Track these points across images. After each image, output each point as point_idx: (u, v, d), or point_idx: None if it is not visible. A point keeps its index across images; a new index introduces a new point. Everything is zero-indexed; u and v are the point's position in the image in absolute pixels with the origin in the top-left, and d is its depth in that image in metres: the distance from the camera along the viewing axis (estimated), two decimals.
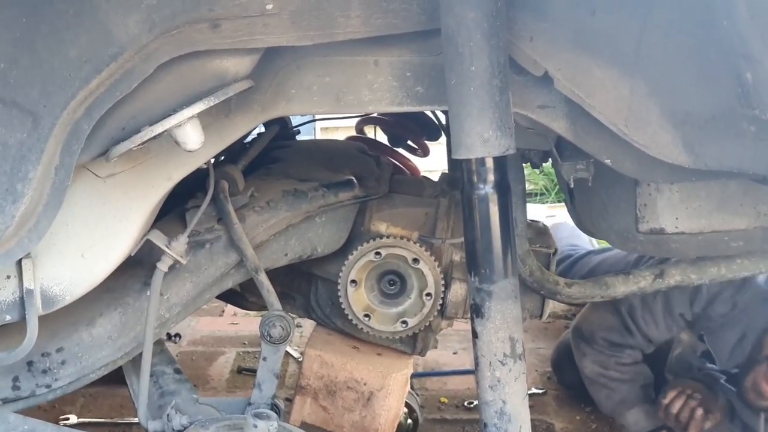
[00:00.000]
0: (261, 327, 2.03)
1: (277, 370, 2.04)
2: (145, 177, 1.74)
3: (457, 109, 1.50)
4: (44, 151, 1.48)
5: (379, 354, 2.51)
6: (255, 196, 2.20)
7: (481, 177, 1.55)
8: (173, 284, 2.05)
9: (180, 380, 2.15)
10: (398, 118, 3.07)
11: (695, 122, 1.50)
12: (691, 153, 1.52)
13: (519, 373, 1.61)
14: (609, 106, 1.54)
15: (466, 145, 1.51)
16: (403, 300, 2.33)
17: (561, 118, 1.65)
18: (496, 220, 1.56)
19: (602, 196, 2.09)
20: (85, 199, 1.71)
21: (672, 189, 2.01)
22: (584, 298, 2.26)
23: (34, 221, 1.55)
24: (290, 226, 2.23)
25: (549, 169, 6.12)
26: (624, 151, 1.65)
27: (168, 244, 1.91)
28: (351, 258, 2.29)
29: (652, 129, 1.53)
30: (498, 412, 1.61)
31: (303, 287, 2.57)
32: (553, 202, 6.11)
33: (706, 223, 2.02)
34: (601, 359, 3.08)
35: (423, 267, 2.27)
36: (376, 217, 2.39)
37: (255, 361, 3.67)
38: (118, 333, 1.99)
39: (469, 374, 3.54)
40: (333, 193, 2.29)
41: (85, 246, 1.73)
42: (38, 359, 1.93)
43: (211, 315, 4.15)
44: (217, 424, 1.82)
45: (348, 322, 2.38)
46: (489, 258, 1.57)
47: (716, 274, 2.23)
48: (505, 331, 1.59)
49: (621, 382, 3.06)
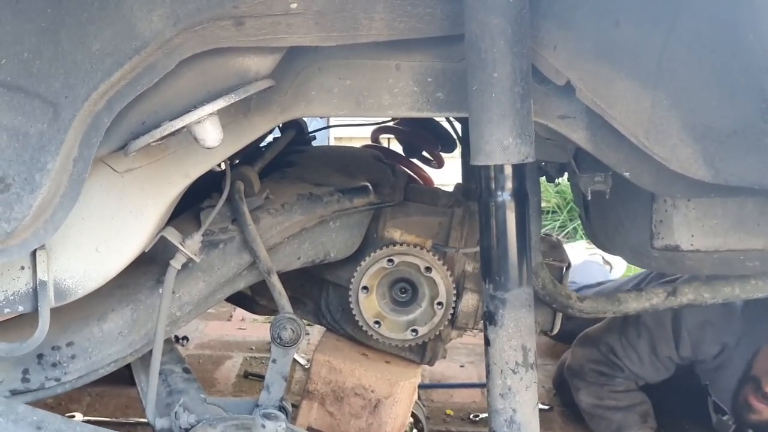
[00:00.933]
0: (271, 329, 2.02)
1: (286, 373, 2.03)
2: (163, 173, 1.74)
3: (478, 115, 1.50)
4: (64, 143, 1.48)
5: (387, 362, 2.50)
6: (270, 198, 2.20)
7: (499, 184, 1.54)
8: (185, 283, 2.05)
9: (188, 379, 2.15)
10: (414, 128, 3.07)
11: (716, 137, 1.49)
12: (711, 168, 1.51)
13: (530, 382, 1.60)
14: (630, 117, 1.53)
15: (486, 152, 1.51)
16: (414, 308, 2.33)
17: (581, 129, 1.65)
18: (513, 228, 1.55)
19: (618, 212, 2.08)
20: (102, 193, 1.71)
21: (688, 206, 1.99)
22: (596, 313, 2.25)
23: (51, 212, 1.55)
24: (304, 229, 2.23)
25: (562, 187, 6.11)
26: (643, 164, 1.64)
27: (182, 242, 1.90)
28: (363, 264, 2.28)
29: (672, 142, 1.52)
30: (508, 420, 1.60)
31: (314, 292, 2.56)
32: (564, 221, 6.09)
33: (722, 241, 2.00)
34: (594, 390, 3.09)
35: (435, 276, 2.27)
36: (390, 225, 2.39)
37: (262, 366, 3.66)
38: (129, 329, 1.99)
39: (475, 387, 3.54)
40: (348, 199, 2.29)
41: (100, 240, 1.73)
42: (48, 352, 1.93)
43: (220, 319, 4.15)
44: (225, 423, 1.82)
45: (358, 328, 2.37)
46: (504, 266, 1.56)
47: (729, 294, 2.22)
48: (517, 340, 1.58)
49: (617, 410, 3.06)
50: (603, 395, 3.08)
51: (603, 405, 3.08)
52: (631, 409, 3.05)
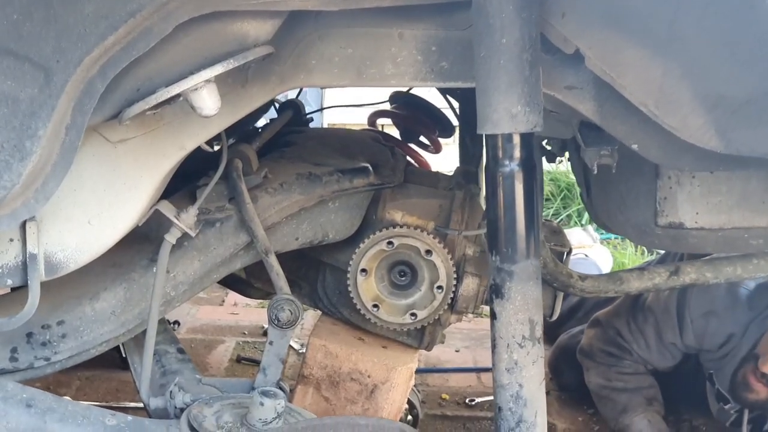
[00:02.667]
0: (269, 310, 1.97)
1: (283, 355, 1.99)
2: (157, 145, 1.69)
3: (485, 83, 1.46)
4: (55, 109, 1.43)
5: (384, 347, 2.47)
6: (268, 177, 2.16)
7: (506, 153, 1.50)
8: (180, 262, 2.00)
9: (183, 360, 2.11)
10: (412, 113, 3.03)
11: (728, 106, 1.46)
12: (723, 138, 1.48)
13: (537, 357, 1.56)
14: (640, 87, 1.49)
15: (493, 121, 1.47)
16: (413, 292, 2.29)
17: (588, 99, 1.61)
18: (521, 199, 1.51)
19: (621, 189, 2.05)
20: (95, 165, 1.66)
21: (693, 183, 1.96)
22: (597, 292, 2.22)
23: (42, 181, 1.50)
24: (303, 209, 2.19)
25: (556, 174, 6.10)
26: (651, 136, 1.61)
27: (177, 216, 1.86)
28: (362, 246, 2.25)
29: (683, 112, 1.48)
30: (514, 396, 1.56)
31: (310, 275, 2.52)
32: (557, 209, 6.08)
33: (726, 219, 1.97)
34: (602, 371, 3.09)
35: (435, 259, 2.23)
36: (390, 206, 2.35)
37: (254, 351, 3.65)
38: (122, 308, 1.94)
39: (471, 372, 3.55)
40: (348, 179, 2.25)
41: (92, 212, 1.68)
42: (38, 331, 1.88)
43: (212, 304, 4.13)
44: (222, 401, 1.78)
45: (355, 312, 2.33)
46: (512, 237, 1.52)
47: (732, 274, 2.19)
48: (524, 313, 1.54)
49: (623, 392, 3.05)
50: (611, 376, 3.07)
51: (610, 386, 3.07)
52: (637, 391, 3.04)
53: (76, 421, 1.65)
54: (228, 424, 1.70)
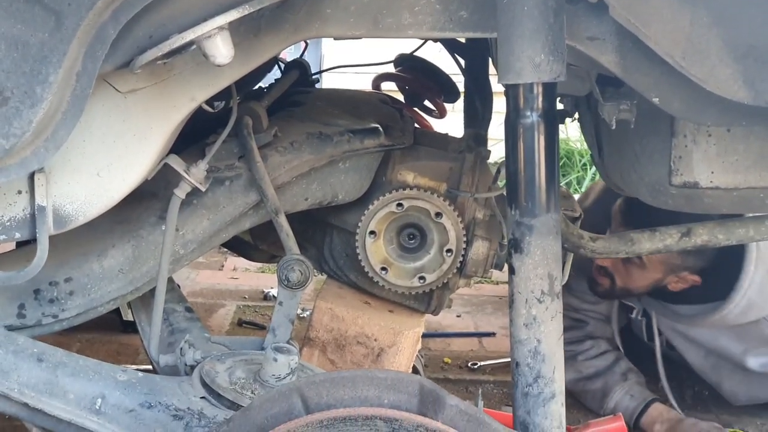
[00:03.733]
0: (279, 270, 1.95)
1: (292, 316, 1.97)
2: (168, 95, 1.65)
3: (508, 31, 1.42)
4: (66, 54, 1.39)
5: (391, 311, 2.45)
6: (278, 136, 2.13)
7: (528, 104, 1.47)
8: (189, 220, 1.98)
9: (191, 318, 2.09)
10: (417, 76, 2.99)
11: (759, 56, 1.42)
12: (751, 89, 1.44)
13: (556, 312, 1.54)
14: (666, 36, 1.46)
15: (515, 70, 1.43)
16: (422, 255, 2.26)
17: (610, 51, 1.57)
18: (542, 151, 1.48)
19: (635, 148, 2.02)
20: (104, 115, 1.63)
21: (709, 142, 1.93)
22: (608, 253, 2.19)
23: (52, 130, 1.46)
24: (313, 169, 2.16)
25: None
26: (674, 88, 1.57)
27: (187, 170, 1.83)
28: (372, 208, 2.22)
29: (711, 62, 1.45)
30: (532, 351, 1.54)
31: (316, 237, 2.49)
32: None
33: (742, 178, 1.94)
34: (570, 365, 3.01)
35: (445, 222, 2.20)
36: (400, 168, 2.32)
37: (256, 314, 3.64)
38: (130, 266, 1.92)
39: (472, 336, 3.56)
40: (358, 139, 2.22)
41: (102, 164, 1.64)
42: (46, 288, 1.86)
43: (211, 269, 4.10)
44: (234, 357, 1.75)
45: (363, 275, 2.31)
46: (532, 190, 1.49)
47: (744, 236, 2.17)
48: (544, 268, 1.51)
49: (596, 378, 3.04)
50: (580, 367, 3.05)
51: (583, 376, 3.05)
52: (609, 370, 3.04)
53: (87, 375, 1.63)
54: (241, 380, 1.68)
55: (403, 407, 1.33)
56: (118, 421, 1.59)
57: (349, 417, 1.32)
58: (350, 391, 1.35)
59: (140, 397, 1.62)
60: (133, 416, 1.60)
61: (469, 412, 1.33)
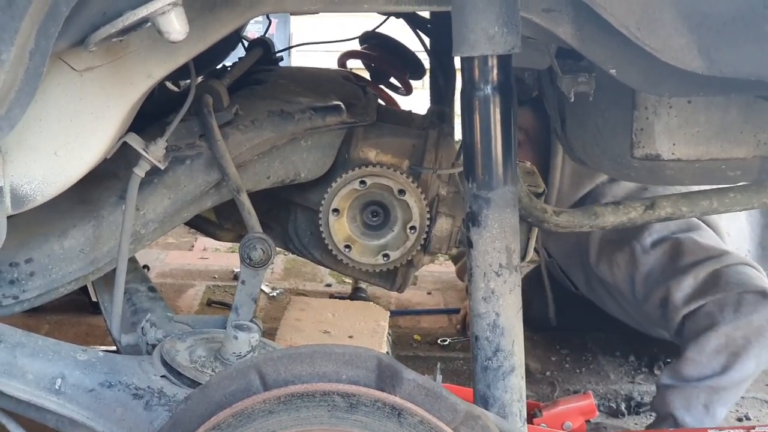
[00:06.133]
0: (241, 249, 1.93)
1: (255, 295, 1.95)
2: (124, 73, 1.64)
3: (461, 3, 1.42)
4: (18, 32, 1.37)
5: (350, 337, 2.52)
6: (240, 114, 2.12)
7: (483, 77, 1.47)
8: (150, 199, 1.96)
9: (154, 298, 2.08)
10: (383, 53, 2.97)
11: (712, 25, 1.43)
12: (706, 58, 1.45)
13: (514, 285, 1.54)
14: (621, 7, 1.46)
15: (470, 42, 1.43)
16: (386, 232, 2.26)
17: (567, 23, 1.57)
18: (498, 124, 1.48)
19: (597, 121, 2.03)
20: (60, 94, 1.61)
21: (670, 114, 1.94)
22: (572, 227, 2.20)
23: (6, 108, 1.44)
24: (274, 147, 2.15)
25: None
26: (631, 60, 1.57)
27: (145, 148, 1.81)
28: (334, 186, 2.21)
29: (666, 32, 1.45)
30: (491, 324, 1.54)
31: (281, 216, 2.48)
32: None
33: (704, 150, 1.96)
34: None
35: (409, 199, 2.20)
36: (363, 145, 2.31)
37: (225, 294, 3.64)
38: (91, 246, 1.90)
39: (442, 313, 3.57)
40: (320, 117, 2.21)
41: (59, 143, 1.63)
42: (6, 269, 1.84)
43: (181, 249, 4.09)
44: (195, 336, 1.75)
45: (327, 253, 2.30)
46: (488, 163, 1.50)
47: (708, 208, 2.17)
48: (501, 241, 1.52)
49: None
50: None
51: None
52: None
53: (47, 356, 1.62)
54: (202, 359, 1.67)
55: (361, 382, 1.34)
56: (78, 401, 1.58)
57: (306, 393, 1.32)
58: (308, 367, 1.34)
59: (100, 376, 1.61)
60: (93, 396, 1.59)
61: (426, 386, 1.33)
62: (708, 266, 2.66)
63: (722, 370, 2.51)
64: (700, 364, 2.53)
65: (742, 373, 2.52)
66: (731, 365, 2.51)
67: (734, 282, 2.61)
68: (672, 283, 2.66)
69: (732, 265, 2.66)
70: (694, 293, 2.63)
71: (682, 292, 2.64)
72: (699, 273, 2.65)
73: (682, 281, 2.65)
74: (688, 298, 2.63)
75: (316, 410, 1.33)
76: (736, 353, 2.51)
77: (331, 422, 1.33)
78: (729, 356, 2.51)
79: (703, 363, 2.53)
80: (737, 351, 2.51)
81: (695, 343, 2.55)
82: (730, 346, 2.52)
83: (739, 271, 2.64)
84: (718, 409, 2.55)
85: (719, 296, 2.58)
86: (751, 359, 2.51)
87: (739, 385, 2.56)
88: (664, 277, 2.71)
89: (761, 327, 2.53)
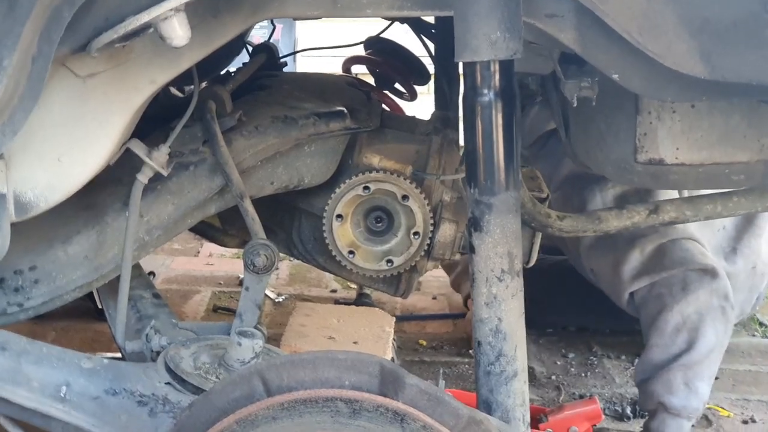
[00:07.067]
0: (244, 255, 1.94)
1: (259, 301, 1.96)
2: (128, 79, 1.64)
3: (464, 8, 1.43)
4: (20, 37, 1.37)
5: (355, 342, 2.51)
6: (243, 120, 2.13)
7: (485, 82, 1.47)
8: (154, 205, 1.97)
9: (159, 305, 2.08)
10: (387, 59, 2.98)
11: (714, 30, 1.42)
12: (708, 63, 1.44)
13: (516, 290, 1.54)
14: (623, 12, 1.45)
15: (472, 47, 1.44)
16: (389, 238, 2.26)
17: (569, 28, 1.56)
18: (500, 129, 1.49)
19: (600, 126, 2.02)
20: (63, 100, 1.61)
21: (674, 118, 1.93)
22: (576, 231, 2.19)
23: (9, 114, 1.44)
24: (278, 153, 2.16)
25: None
26: (633, 65, 1.57)
27: (149, 154, 1.82)
28: (338, 191, 2.21)
29: (667, 37, 1.45)
30: (493, 330, 1.54)
31: (285, 222, 2.49)
32: None
33: (707, 154, 1.95)
34: None
35: (412, 204, 2.20)
36: (367, 151, 2.31)
37: (230, 300, 3.64)
38: (95, 253, 1.90)
39: (448, 318, 3.56)
40: (324, 122, 2.21)
41: (63, 149, 1.63)
42: (10, 276, 1.85)
43: (186, 255, 4.10)
44: (199, 343, 1.75)
45: (330, 258, 2.31)
46: (490, 169, 1.50)
47: (712, 212, 2.17)
48: (504, 246, 1.52)
49: None
50: None
51: None
52: None
53: (51, 363, 1.62)
54: (206, 365, 1.67)
55: (363, 388, 1.34)
56: (83, 408, 1.59)
57: (310, 399, 1.32)
58: (311, 373, 1.35)
59: (105, 383, 1.61)
60: (98, 403, 1.59)
61: (429, 391, 1.34)
62: (653, 240, 2.71)
63: (688, 347, 2.57)
64: (664, 346, 2.60)
65: (706, 346, 2.57)
66: (694, 340, 2.57)
67: (678, 259, 2.67)
68: (619, 254, 2.72)
69: (676, 239, 2.72)
70: (642, 268, 2.69)
71: (629, 266, 2.70)
72: (645, 246, 2.71)
73: (629, 255, 2.71)
74: (637, 273, 2.70)
75: (319, 416, 1.33)
76: (694, 328, 2.58)
77: (334, 428, 1.33)
78: (689, 332, 2.58)
79: (668, 344, 2.59)
80: (695, 326, 2.58)
81: (654, 329, 2.62)
82: (687, 322, 2.59)
83: (683, 248, 2.70)
84: (698, 384, 2.57)
85: (665, 275, 2.65)
86: (709, 331, 2.58)
87: (709, 358, 2.59)
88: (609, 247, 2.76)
89: (708, 300, 2.61)
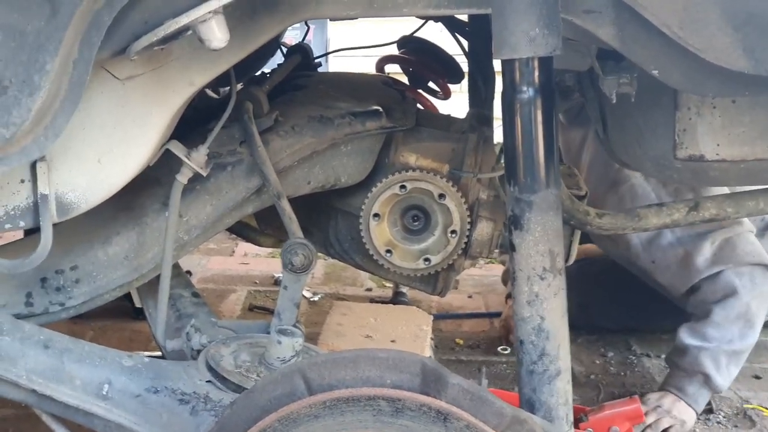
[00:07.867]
0: (282, 255, 1.94)
1: (297, 300, 1.96)
2: (166, 81, 1.66)
3: (502, 5, 1.42)
4: (62, 42, 1.40)
5: (393, 341, 2.51)
6: (280, 120, 2.13)
7: (525, 79, 1.46)
8: (193, 206, 1.98)
9: (198, 303, 2.09)
10: (420, 57, 2.97)
11: (758, 24, 1.40)
12: (751, 57, 1.42)
13: (558, 289, 1.53)
14: (663, 7, 1.44)
15: (510, 44, 1.43)
16: (426, 236, 2.25)
17: (608, 24, 1.55)
18: (540, 126, 1.48)
19: (638, 121, 2.00)
20: (103, 102, 1.63)
21: (714, 114, 1.91)
22: (615, 229, 2.18)
23: (51, 118, 1.47)
24: (315, 153, 2.16)
25: None
26: (673, 60, 1.55)
27: (188, 155, 1.83)
28: (375, 190, 2.21)
29: (709, 31, 1.43)
30: (535, 328, 1.53)
31: (321, 221, 2.49)
32: None
33: (749, 150, 1.92)
34: None
35: (449, 203, 2.19)
36: (403, 149, 2.31)
37: (266, 299, 3.66)
38: (135, 253, 1.92)
39: (484, 317, 3.56)
40: (360, 122, 2.21)
41: (103, 151, 1.65)
42: (52, 276, 1.87)
43: (222, 255, 4.13)
44: (239, 341, 1.76)
45: (368, 258, 2.31)
46: (530, 166, 1.49)
47: (753, 208, 2.14)
48: (545, 244, 1.51)
49: None
50: None
51: None
52: None
53: (93, 361, 1.64)
54: (246, 363, 1.68)
55: (405, 387, 1.33)
56: (125, 406, 1.60)
57: (352, 397, 1.32)
58: (352, 372, 1.35)
59: (146, 382, 1.63)
60: (139, 401, 1.60)
61: (472, 390, 1.33)
62: (723, 233, 2.82)
63: (740, 336, 2.73)
64: (724, 328, 2.73)
65: (753, 340, 2.77)
66: (746, 332, 2.74)
67: (747, 252, 2.80)
68: (690, 246, 2.82)
69: (742, 233, 2.84)
70: (714, 258, 2.79)
71: (702, 256, 2.79)
72: (716, 238, 2.81)
73: (701, 245, 2.80)
74: (709, 262, 2.79)
75: (361, 414, 1.33)
76: (750, 321, 2.74)
77: (376, 426, 1.33)
78: (745, 323, 2.73)
79: (727, 327, 2.73)
80: (752, 319, 2.74)
81: (722, 308, 2.75)
82: (748, 314, 2.74)
83: (750, 240, 2.84)
84: (734, 370, 2.76)
85: (735, 266, 2.78)
86: (758, 328, 2.77)
87: (748, 350, 2.78)
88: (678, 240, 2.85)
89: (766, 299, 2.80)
